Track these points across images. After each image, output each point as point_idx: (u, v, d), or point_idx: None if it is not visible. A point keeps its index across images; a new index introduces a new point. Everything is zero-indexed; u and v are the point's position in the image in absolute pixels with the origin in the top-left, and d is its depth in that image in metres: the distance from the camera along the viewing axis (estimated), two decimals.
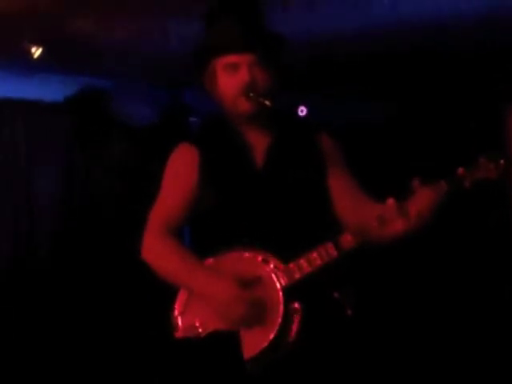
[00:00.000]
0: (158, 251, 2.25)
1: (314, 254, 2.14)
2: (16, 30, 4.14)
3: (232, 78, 2.23)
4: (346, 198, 2.29)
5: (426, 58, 4.95)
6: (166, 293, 2.25)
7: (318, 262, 2.14)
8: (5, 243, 4.90)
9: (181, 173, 2.31)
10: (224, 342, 2.14)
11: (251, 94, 2.21)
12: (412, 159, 5.16)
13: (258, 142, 2.30)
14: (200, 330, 2.16)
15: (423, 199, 2.13)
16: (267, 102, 2.21)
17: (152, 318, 3.28)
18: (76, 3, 3.86)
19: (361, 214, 2.20)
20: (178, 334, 2.19)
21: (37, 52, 4.34)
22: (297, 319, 2.12)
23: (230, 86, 2.24)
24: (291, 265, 2.15)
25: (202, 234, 2.30)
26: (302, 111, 2.43)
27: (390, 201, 2.14)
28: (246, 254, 2.18)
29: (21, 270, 4.93)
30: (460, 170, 2.16)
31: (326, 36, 4.41)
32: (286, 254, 2.16)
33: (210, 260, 2.21)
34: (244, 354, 2.11)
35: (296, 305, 2.13)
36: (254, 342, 2.11)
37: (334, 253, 2.15)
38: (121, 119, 5.16)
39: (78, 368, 4.75)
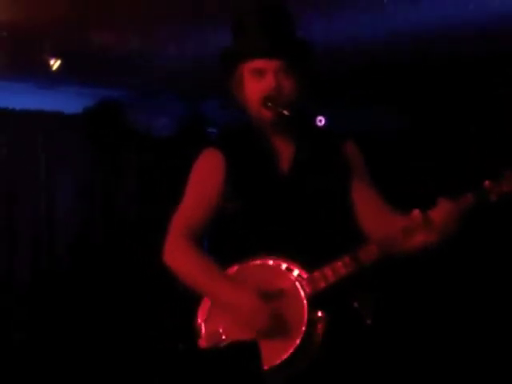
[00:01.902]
0: (180, 257, 2.22)
1: (339, 264, 2.13)
2: (35, 43, 4.19)
3: (258, 84, 2.22)
4: (369, 208, 2.27)
5: (428, 65, 4.95)
6: (188, 300, 2.24)
7: (343, 271, 2.13)
8: (25, 252, 4.96)
9: (206, 177, 2.29)
10: (244, 352, 2.12)
11: (269, 104, 2.20)
12: (415, 164, 5.16)
13: (284, 149, 2.28)
14: (223, 337, 2.14)
15: (448, 211, 2.12)
16: (285, 112, 2.19)
17: (173, 325, 3.29)
18: (94, 16, 3.90)
19: (384, 224, 2.19)
20: (202, 342, 2.17)
21: (55, 64, 4.38)
22: (320, 328, 2.11)
23: (255, 91, 2.23)
24: (316, 273, 2.13)
25: (226, 239, 2.28)
26: (321, 121, 2.44)
27: (416, 212, 2.13)
28: (271, 262, 2.16)
29: (41, 278, 4.98)
30: (486, 183, 2.15)
31: (338, 45, 4.43)
32: (310, 262, 2.14)
33: (235, 267, 2.19)
34: (264, 364, 2.09)
35: (319, 313, 2.11)
36: (276, 352, 2.09)
37: (358, 263, 2.14)
38: (139, 130, 5.19)
39: (92, 372, 4.78)
